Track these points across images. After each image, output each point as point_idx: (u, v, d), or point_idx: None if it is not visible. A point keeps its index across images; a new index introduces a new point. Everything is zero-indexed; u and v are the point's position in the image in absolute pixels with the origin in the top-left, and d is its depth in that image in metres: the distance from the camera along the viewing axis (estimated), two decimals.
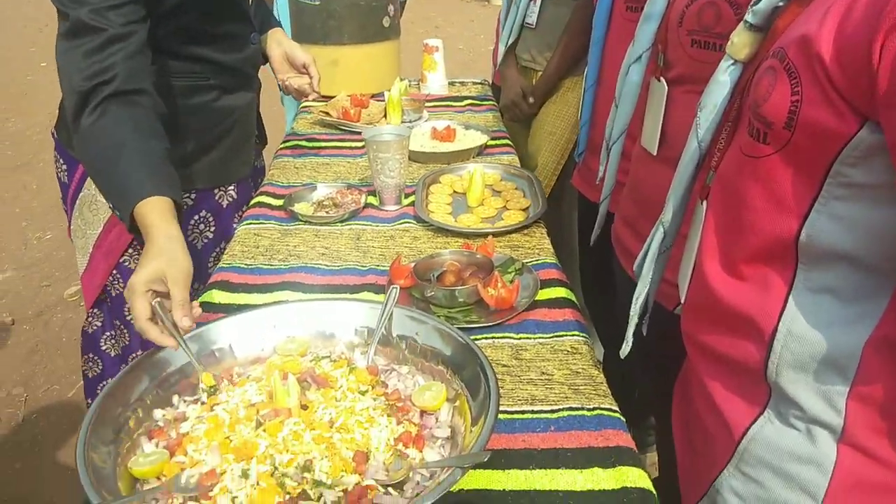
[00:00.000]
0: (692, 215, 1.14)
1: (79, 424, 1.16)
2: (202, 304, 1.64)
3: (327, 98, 2.79)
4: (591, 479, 1.13)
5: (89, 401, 2.29)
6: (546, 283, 1.67)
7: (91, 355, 2.15)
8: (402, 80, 2.85)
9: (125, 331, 2.06)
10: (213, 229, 2.02)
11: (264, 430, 1.14)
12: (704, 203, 1.08)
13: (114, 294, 1.92)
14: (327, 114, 2.82)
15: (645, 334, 1.42)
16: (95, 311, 2.05)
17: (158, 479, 1.12)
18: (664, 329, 1.38)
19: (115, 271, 1.95)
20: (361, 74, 2.96)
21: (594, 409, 1.28)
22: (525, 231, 1.94)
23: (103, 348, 2.12)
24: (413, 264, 1.67)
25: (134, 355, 2.10)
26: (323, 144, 2.64)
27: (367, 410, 1.22)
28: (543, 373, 1.38)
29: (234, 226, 2.06)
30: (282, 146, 2.64)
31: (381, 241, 1.91)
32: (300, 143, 2.66)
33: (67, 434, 2.83)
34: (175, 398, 1.29)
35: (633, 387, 2.46)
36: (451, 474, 1.00)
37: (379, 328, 1.38)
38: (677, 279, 1.23)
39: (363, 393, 1.26)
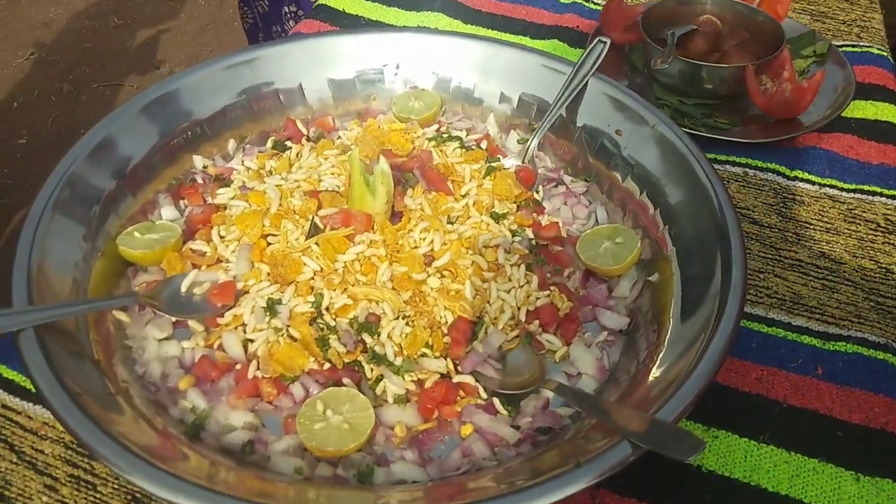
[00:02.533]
0: None
1: None
2: (319, 7, 1.13)
3: None
4: (875, 496, 0.58)
5: None
6: (863, 90, 0.96)
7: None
8: None
9: None
10: None
11: (317, 244, 0.68)
12: None
13: None
14: None
15: None
16: None
17: (163, 268, 0.72)
18: None
19: None
20: None
21: None
22: None
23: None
24: (644, 8, 1.01)
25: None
26: None
27: (496, 251, 0.70)
28: (823, 255, 0.77)
29: None
30: None
31: None
32: None
33: None
34: (231, 142, 0.85)
35: None
36: (613, 446, 0.50)
37: (557, 106, 0.81)
38: None
39: (498, 218, 0.74)
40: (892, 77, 1.00)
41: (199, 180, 0.81)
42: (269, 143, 0.85)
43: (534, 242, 0.73)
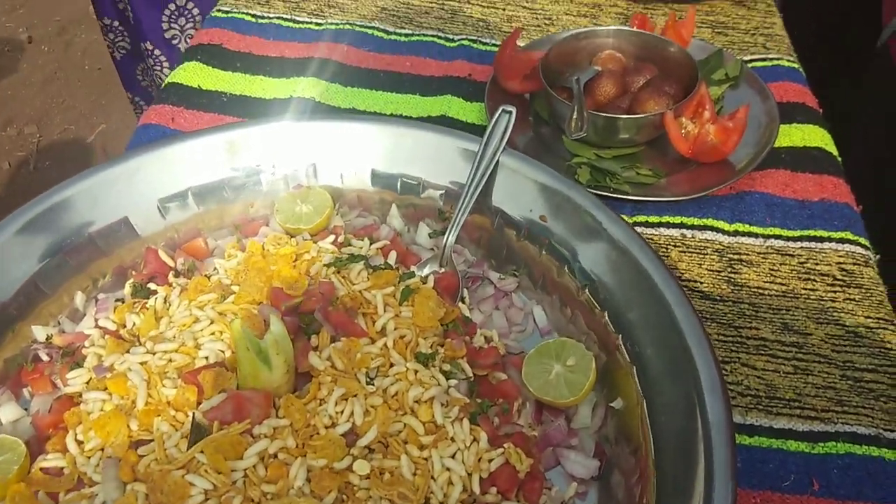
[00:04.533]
0: None
1: None
2: (169, 86, 0.96)
3: None
4: None
5: None
6: (784, 111, 0.89)
7: (131, 96, 1.63)
8: None
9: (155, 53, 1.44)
10: None
11: (203, 452, 0.53)
12: None
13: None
14: None
15: None
16: (115, 25, 1.49)
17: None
18: None
19: None
20: None
21: None
22: None
23: (142, 83, 1.57)
24: (544, 52, 0.89)
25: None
26: None
27: (430, 407, 0.58)
28: (786, 327, 0.69)
29: None
30: None
31: None
32: None
33: None
34: (79, 296, 0.68)
35: None
36: None
37: (469, 192, 0.70)
38: None
39: (427, 360, 0.61)
40: (808, 91, 0.94)
41: (44, 357, 0.64)
42: (128, 289, 0.69)
43: (472, 379, 0.61)
